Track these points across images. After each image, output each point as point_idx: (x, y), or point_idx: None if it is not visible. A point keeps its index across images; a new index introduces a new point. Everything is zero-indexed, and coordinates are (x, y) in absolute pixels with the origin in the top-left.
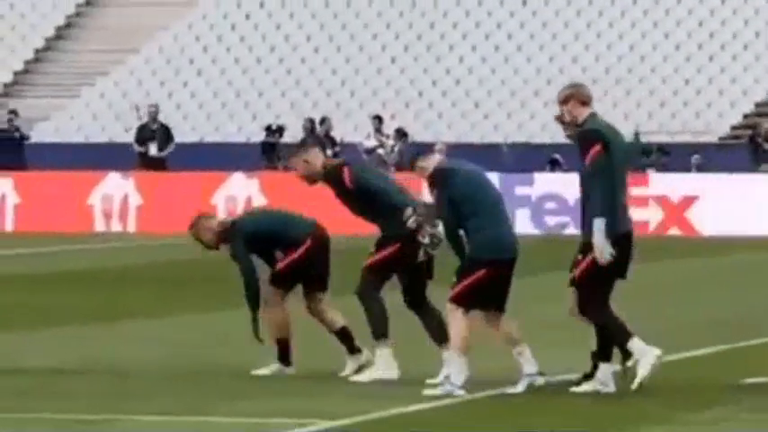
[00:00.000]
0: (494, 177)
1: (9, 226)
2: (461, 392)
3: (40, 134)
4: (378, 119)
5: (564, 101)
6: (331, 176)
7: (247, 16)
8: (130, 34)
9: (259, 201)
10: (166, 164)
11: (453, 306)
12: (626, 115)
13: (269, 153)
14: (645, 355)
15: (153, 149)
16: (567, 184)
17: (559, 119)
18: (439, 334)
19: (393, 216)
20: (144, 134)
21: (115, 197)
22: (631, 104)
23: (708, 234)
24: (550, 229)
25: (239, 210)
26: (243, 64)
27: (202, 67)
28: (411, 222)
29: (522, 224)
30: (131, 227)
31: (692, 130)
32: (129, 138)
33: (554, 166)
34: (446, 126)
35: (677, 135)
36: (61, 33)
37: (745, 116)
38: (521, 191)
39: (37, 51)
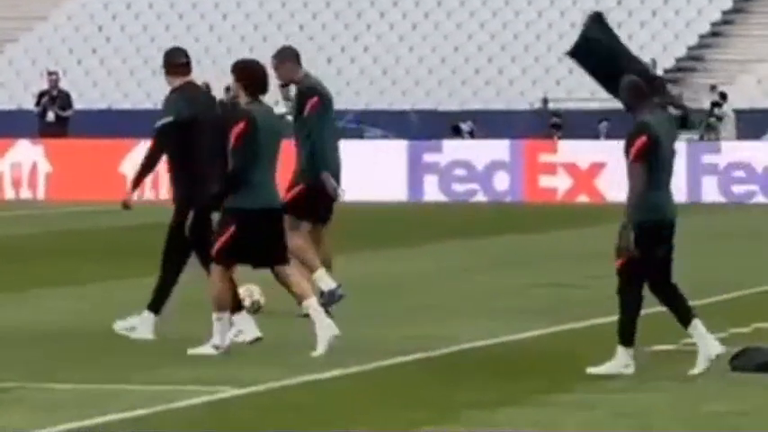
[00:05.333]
0: (401, 144)
1: None
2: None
3: None
4: (285, 86)
5: None
6: None
7: None
8: (38, 1)
9: None
10: (67, 130)
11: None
12: (534, 82)
13: None
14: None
15: (51, 116)
16: (475, 151)
17: None
18: None
19: None
20: (44, 100)
21: (24, 165)
22: (540, 71)
23: (615, 200)
24: (458, 196)
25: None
26: (151, 31)
27: (111, 35)
28: None
29: (431, 191)
30: (40, 194)
31: (599, 96)
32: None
33: (458, 133)
34: (354, 93)
35: (585, 102)
36: None
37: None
38: (429, 158)
39: None
